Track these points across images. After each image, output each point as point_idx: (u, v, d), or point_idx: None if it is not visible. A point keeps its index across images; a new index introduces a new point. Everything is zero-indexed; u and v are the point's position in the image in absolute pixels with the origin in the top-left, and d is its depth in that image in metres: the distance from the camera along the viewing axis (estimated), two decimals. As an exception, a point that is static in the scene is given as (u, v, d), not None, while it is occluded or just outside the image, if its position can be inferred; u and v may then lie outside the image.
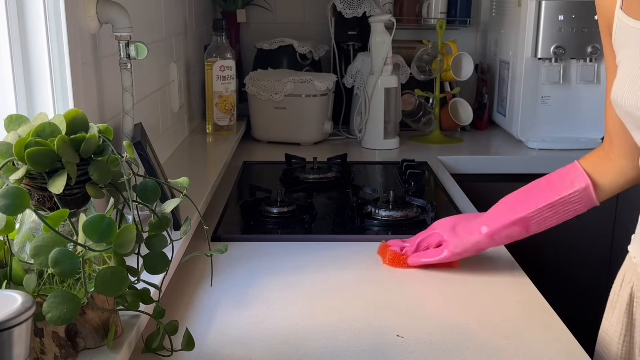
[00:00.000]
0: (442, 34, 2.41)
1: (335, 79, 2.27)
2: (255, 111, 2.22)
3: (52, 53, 1.02)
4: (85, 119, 0.82)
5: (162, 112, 1.71)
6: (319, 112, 2.19)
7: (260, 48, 2.44)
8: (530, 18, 2.14)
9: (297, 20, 2.65)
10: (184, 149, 1.92)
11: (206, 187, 1.52)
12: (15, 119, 0.83)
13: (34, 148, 0.75)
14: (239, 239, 1.39)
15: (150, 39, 1.55)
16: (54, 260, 0.72)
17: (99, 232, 0.74)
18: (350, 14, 2.34)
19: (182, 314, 1.08)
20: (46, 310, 0.72)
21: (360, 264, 1.28)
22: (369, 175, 1.96)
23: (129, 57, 1.19)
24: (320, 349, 0.97)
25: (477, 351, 0.98)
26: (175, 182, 0.88)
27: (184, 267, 1.20)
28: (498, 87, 2.43)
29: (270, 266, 1.26)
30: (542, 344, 1.00)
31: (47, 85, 1.03)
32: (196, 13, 2.20)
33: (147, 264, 0.85)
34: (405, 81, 2.38)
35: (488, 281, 1.21)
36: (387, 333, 1.02)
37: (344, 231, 1.46)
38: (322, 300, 1.13)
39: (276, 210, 1.50)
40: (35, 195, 0.79)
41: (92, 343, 0.82)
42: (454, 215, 1.28)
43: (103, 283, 0.75)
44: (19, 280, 0.78)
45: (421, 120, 2.35)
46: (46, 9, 1.01)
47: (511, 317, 1.09)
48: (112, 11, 1.15)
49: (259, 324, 1.04)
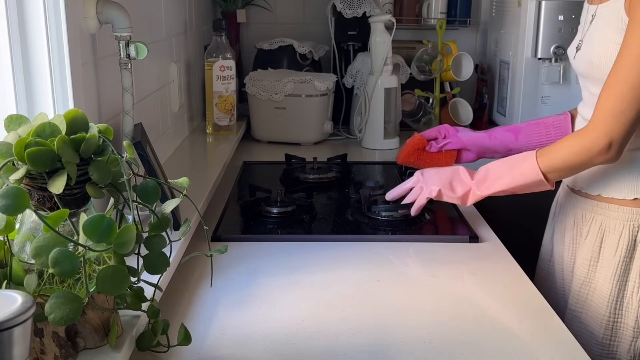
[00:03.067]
0: (442, 34, 2.41)
1: (335, 79, 2.27)
2: (255, 111, 2.22)
3: (52, 53, 1.02)
4: (85, 119, 0.82)
5: (162, 112, 1.71)
6: (319, 112, 2.19)
7: (260, 48, 2.43)
8: (530, 18, 2.14)
9: (297, 20, 2.65)
10: (184, 149, 1.92)
11: (206, 187, 1.52)
12: (15, 119, 0.83)
13: (34, 148, 0.75)
14: (239, 239, 1.39)
15: (150, 39, 1.55)
16: (54, 260, 0.72)
17: (99, 232, 0.74)
18: (350, 14, 2.34)
19: (182, 314, 1.08)
20: (49, 311, 0.72)
21: (360, 264, 1.28)
22: (369, 175, 1.96)
23: (129, 57, 1.19)
24: (320, 349, 0.97)
25: (477, 351, 0.98)
26: (175, 182, 0.88)
27: (184, 267, 1.20)
28: (498, 87, 2.43)
29: (270, 266, 1.26)
30: (542, 344, 1.00)
31: (47, 85, 1.03)
32: (196, 13, 2.20)
33: (147, 264, 0.85)
34: (405, 81, 2.38)
35: (488, 281, 1.21)
36: (387, 333, 1.02)
37: (344, 231, 1.46)
38: (322, 300, 1.13)
39: (276, 210, 1.50)
40: (35, 195, 0.79)
41: (92, 343, 0.82)
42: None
43: (104, 282, 0.75)
44: (19, 281, 0.78)
45: (421, 120, 2.35)
46: (46, 9, 1.01)
47: (511, 317, 1.09)
48: (112, 11, 1.15)
49: (259, 324, 1.04)
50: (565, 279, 1.40)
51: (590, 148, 1.20)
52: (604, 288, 1.30)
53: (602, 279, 1.30)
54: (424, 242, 1.38)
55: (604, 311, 1.29)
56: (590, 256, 1.33)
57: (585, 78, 1.33)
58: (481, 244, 1.38)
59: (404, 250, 1.35)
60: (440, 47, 2.41)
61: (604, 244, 1.31)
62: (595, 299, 1.31)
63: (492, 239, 1.40)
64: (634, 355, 1.28)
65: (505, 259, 1.31)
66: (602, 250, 1.31)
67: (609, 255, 1.30)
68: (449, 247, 1.36)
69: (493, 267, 1.27)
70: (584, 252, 1.34)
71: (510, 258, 1.31)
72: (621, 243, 1.28)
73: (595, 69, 1.26)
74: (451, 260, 1.30)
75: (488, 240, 1.40)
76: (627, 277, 1.28)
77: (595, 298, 1.31)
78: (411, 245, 1.37)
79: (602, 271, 1.31)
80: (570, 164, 1.24)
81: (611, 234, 1.30)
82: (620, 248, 1.28)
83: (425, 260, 1.30)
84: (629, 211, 1.28)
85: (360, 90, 2.25)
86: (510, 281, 1.22)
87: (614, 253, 1.29)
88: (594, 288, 1.32)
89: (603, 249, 1.31)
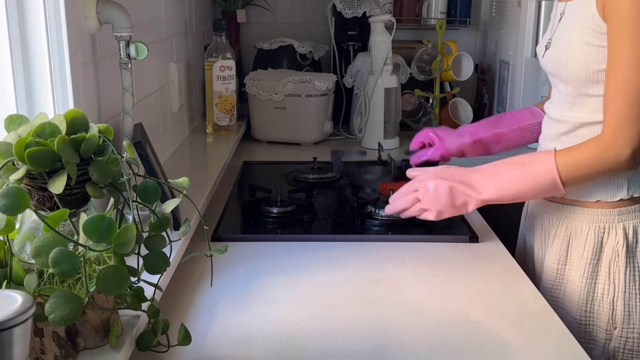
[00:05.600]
0: (442, 34, 2.41)
1: (335, 79, 2.27)
2: (255, 111, 2.22)
3: (52, 53, 1.02)
4: (86, 119, 0.82)
5: (162, 112, 1.71)
6: (319, 112, 2.19)
7: (260, 48, 2.44)
8: (530, 18, 2.14)
9: (297, 20, 2.65)
10: (184, 149, 1.92)
11: (206, 187, 1.52)
12: (15, 119, 0.83)
13: (34, 148, 0.75)
14: (239, 239, 1.39)
15: (150, 39, 1.55)
16: (54, 260, 0.72)
17: (99, 232, 0.74)
18: (350, 14, 2.34)
19: (182, 314, 1.08)
20: (49, 311, 0.72)
21: (360, 264, 1.28)
22: (369, 175, 1.96)
23: (129, 57, 1.19)
24: (320, 349, 0.97)
25: (476, 351, 0.98)
26: (175, 182, 0.88)
27: (184, 267, 1.19)
28: (498, 87, 2.43)
29: (270, 266, 1.26)
30: (542, 344, 1.00)
31: (47, 85, 1.03)
32: (196, 13, 2.20)
33: (147, 264, 0.85)
34: (405, 81, 2.38)
35: (488, 281, 1.21)
36: (387, 333, 1.02)
37: (344, 231, 1.46)
38: (322, 300, 1.13)
39: (276, 210, 1.50)
40: (35, 195, 0.79)
41: (92, 343, 0.82)
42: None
43: (104, 282, 0.75)
44: (19, 280, 0.78)
45: (421, 120, 2.35)
46: (46, 9, 1.01)
47: (511, 317, 1.09)
48: (112, 11, 1.15)
49: (259, 324, 1.04)
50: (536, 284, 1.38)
51: (614, 159, 1.16)
52: (574, 292, 1.29)
53: (572, 282, 1.29)
54: (424, 242, 1.38)
55: (575, 315, 1.28)
56: (558, 260, 1.32)
57: (555, 77, 1.31)
58: (481, 244, 1.38)
59: (404, 250, 1.35)
60: (440, 47, 2.41)
61: (570, 247, 1.30)
62: (565, 303, 1.30)
63: (492, 239, 1.41)
64: (609, 357, 1.26)
65: (505, 259, 1.31)
66: (569, 253, 1.30)
67: (577, 259, 1.29)
68: (449, 247, 1.36)
69: (493, 267, 1.27)
70: (551, 256, 1.33)
71: (510, 258, 1.31)
72: (587, 246, 1.27)
73: (563, 69, 1.25)
74: (451, 260, 1.30)
75: (488, 240, 1.40)
76: (595, 279, 1.27)
77: (565, 302, 1.30)
78: (411, 245, 1.37)
79: (572, 275, 1.29)
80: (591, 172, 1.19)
81: (578, 237, 1.29)
82: (587, 251, 1.27)
83: (425, 260, 1.30)
84: (594, 212, 1.27)
85: (360, 90, 2.25)
86: (510, 281, 1.22)
87: (580, 256, 1.28)
88: (563, 291, 1.31)
89: (570, 252, 1.30)
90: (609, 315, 1.26)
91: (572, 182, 1.20)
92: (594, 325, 1.27)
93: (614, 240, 1.25)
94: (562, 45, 1.25)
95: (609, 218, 1.26)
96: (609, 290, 1.26)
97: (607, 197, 1.25)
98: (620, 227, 1.25)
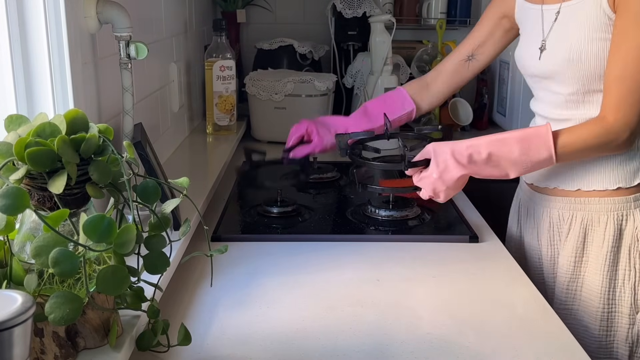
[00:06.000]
0: (442, 34, 2.41)
1: (335, 79, 2.27)
2: (255, 111, 2.22)
3: (52, 53, 1.02)
4: (86, 119, 0.82)
5: (162, 112, 1.71)
6: (319, 112, 2.19)
7: (260, 48, 2.43)
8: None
9: (297, 20, 2.65)
10: (184, 149, 1.92)
11: (206, 187, 1.52)
12: (15, 119, 0.83)
13: (34, 148, 0.75)
14: (239, 239, 1.39)
15: (150, 39, 1.55)
16: (54, 260, 0.72)
17: (99, 232, 0.74)
18: (350, 14, 2.34)
19: (182, 314, 1.08)
20: (49, 311, 0.72)
21: (360, 264, 1.28)
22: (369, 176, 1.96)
23: (129, 57, 1.19)
24: (320, 349, 0.97)
25: (476, 351, 0.98)
26: (175, 182, 0.88)
27: (184, 267, 1.20)
28: (498, 87, 2.43)
29: (270, 266, 1.26)
30: (542, 344, 1.00)
31: (47, 85, 1.03)
32: (196, 13, 2.20)
33: (147, 264, 0.85)
34: (405, 81, 2.38)
35: (488, 281, 1.21)
36: (387, 333, 1.02)
37: (344, 231, 1.46)
38: (322, 300, 1.13)
39: (276, 210, 1.50)
40: (35, 195, 0.79)
41: (92, 343, 0.82)
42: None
43: (104, 282, 0.75)
44: (19, 280, 0.78)
45: (421, 120, 2.35)
46: (46, 9, 1.01)
47: (511, 317, 1.09)
48: (112, 11, 1.15)
49: (259, 324, 1.04)
50: (547, 282, 1.40)
51: (615, 141, 1.21)
52: (594, 282, 1.30)
53: (591, 273, 1.31)
54: (423, 242, 1.38)
55: (597, 304, 1.30)
56: (575, 253, 1.33)
57: (554, 78, 1.30)
58: (481, 244, 1.38)
59: (403, 250, 1.35)
60: (440, 47, 2.41)
61: (588, 238, 1.32)
62: (585, 294, 1.32)
63: (492, 239, 1.41)
64: (633, 342, 1.28)
65: (505, 259, 1.31)
66: (587, 245, 1.32)
67: (596, 249, 1.31)
68: (449, 247, 1.36)
69: (493, 267, 1.27)
70: (567, 251, 1.34)
71: (510, 258, 1.31)
72: (607, 234, 1.29)
73: (570, 67, 1.25)
74: (451, 260, 1.30)
75: (488, 240, 1.40)
76: (616, 266, 1.30)
77: (585, 293, 1.32)
78: (411, 245, 1.37)
79: (591, 265, 1.31)
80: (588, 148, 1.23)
81: (595, 227, 1.31)
82: (607, 239, 1.29)
83: (425, 260, 1.30)
84: (612, 201, 1.29)
85: (360, 90, 2.25)
86: (510, 281, 1.22)
87: (600, 245, 1.30)
88: (581, 283, 1.32)
89: (588, 243, 1.32)
90: (631, 300, 1.28)
91: (565, 160, 1.25)
92: (616, 312, 1.30)
93: (633, 226, 1.29)
94: (567, 44, 1.26)
95: (627, 205, 1.29)
96: (630, 275, 1.29)
97: (627, 183, 1.29)
98: (637, 212, 1.29)
